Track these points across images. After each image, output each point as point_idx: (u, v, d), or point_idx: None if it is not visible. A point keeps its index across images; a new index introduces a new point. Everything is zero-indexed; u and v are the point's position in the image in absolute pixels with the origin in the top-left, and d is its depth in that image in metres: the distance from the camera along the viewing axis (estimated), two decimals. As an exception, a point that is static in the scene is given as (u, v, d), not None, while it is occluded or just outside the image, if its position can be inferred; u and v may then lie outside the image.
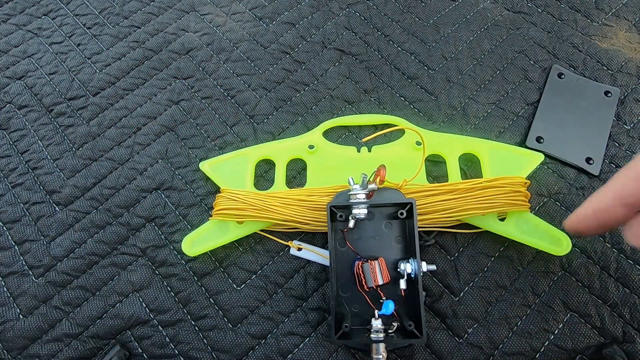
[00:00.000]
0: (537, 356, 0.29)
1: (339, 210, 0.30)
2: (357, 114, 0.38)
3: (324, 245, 0.33)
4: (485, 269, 0.31)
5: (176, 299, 0.32)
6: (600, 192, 0.21)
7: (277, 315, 0.31)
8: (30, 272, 0.33)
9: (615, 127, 0.36)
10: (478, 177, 0.34)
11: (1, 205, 0.36)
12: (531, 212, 0.32)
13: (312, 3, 0.45)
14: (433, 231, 0.32)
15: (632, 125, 0.36)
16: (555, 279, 0.31)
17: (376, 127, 0.37)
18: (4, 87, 0.42)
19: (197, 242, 0.32)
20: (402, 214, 0.30)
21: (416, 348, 0.29)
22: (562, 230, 0.30)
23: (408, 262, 0.28)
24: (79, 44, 0.44)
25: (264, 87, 0.40)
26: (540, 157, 0.34)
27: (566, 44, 0.40)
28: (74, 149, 0.38)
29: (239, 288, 0.32)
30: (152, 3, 0.46)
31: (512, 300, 0.30)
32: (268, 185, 0.35)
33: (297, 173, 0.36)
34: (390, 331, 0.27)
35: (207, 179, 0.36)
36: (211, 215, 0.33)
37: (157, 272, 0.33)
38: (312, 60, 0.41)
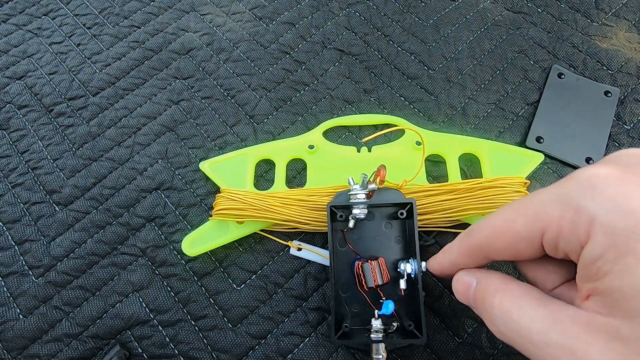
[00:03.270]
0: (537, 356, 0.29)
1: (339, 210, 0.30)
2: (357, 114, 0.38)
3: (324, 245, 0.33)
4: (486, 268, 0.31)
5: (176, 299, 0.32)
6: (443, 253, 0.25)
7: (277, 315, 0.31)
8: (30, 272, 0.33)
9: (615, 127, 0.36)
10: (478, 177, 0.34)
11: (1, 205, 0.36)
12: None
13: (312, 3, 0.45)
14: (433, 231, 0.32)
15: (632, 125, 0.36)
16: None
17: (376, 127, 0.37)
18: (4, 87, 0.42)
19: (197, 242, 0.32)
20: (402, 214, 0.30)
21: (416, 348, 0.29)
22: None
23: (408, 262, 0.28)
24: (79, 44, 0.44)
25: (264, 87, 0.40)
26: (540, 157, 0.34)
27: (566, 44, 0.40)
28: (74, 149, 0.38)
29: (239, 288, 0.32)
30: (152, 3, 0.46)
31: (512, 300, 0.30)
32: (268, 185, 0.35)
33: (297, 173, 0.36)
34: (390, 331, 0.27)
35: (207, 179, 0.36)
36: (211, 215, 0.33)
37: (157, 272, 0.33)
38: (312, 60, 0.41)
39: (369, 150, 0.35)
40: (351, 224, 0.29)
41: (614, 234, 0.16)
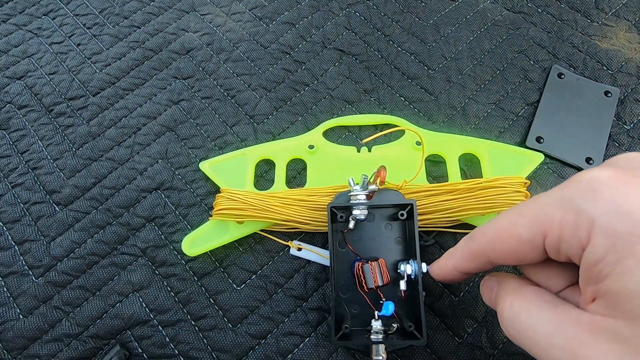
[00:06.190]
0: (537, 356, 0.29)
1: (340, 211, 0.30)
2: (357, 114, 0.38)
3: (324, 245, 0.33)
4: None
5: (176, 299, 0.32)
6: (445, 257, 0.25)
7: (277, 315, 0.31)
8: (30, 272, 0.33)
9: (615, 127, 0.36)
10: (478, 177, 0.34)
11: (1, 205, 0.36)
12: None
13: (312, 3, 0.45)
14: (433, 231, 0.32)
15: (632, 125, 0.36)
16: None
17: (376, 127, 0.37)
18: (4, 87, 0.42)
19: (197, 242, 0.32)
20: (402, 215, 0.30)
21: (416, 348, 0.29)
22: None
23: (408, 263, 0.28)
24: (79, 44, 0.44)
25: (264, 87, 0.40)
26: (540, 157, 0.34)
27: (566, 44, 0.40)
28: (74, 149, 0.38)
29: (239, 288, 0.32)
30: (152, 3, 0.46)
31: (512, 300, 0.30)
32: (268, 185, 0.35)
33: (297, 173, 0.36)
34: (390, 332, 0.27)
35: (207, 179, 0.36)
36: (211, 215, 0.33)
37: (157, 272, 0.33)
38: (312, 60, 0.41)
39: (369, 151, 0.35)
40: (351, 224, 0.29)
41: (614, 236, 0.16)
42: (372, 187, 0.29)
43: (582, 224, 0.17)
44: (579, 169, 0.34)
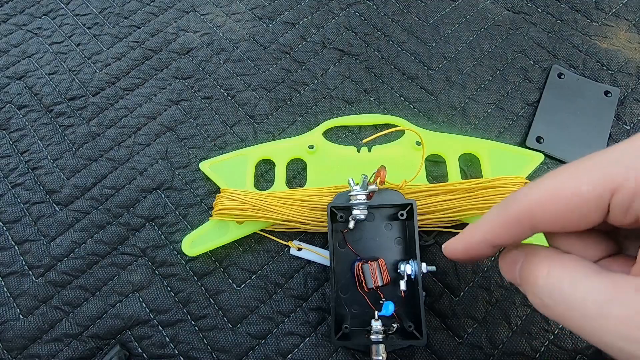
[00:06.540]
0: (537, 356, 0.29)
1: (339, 211, 0.30)
2: (357, 114, 0.38)
3: (324, 245, 0.33)
4: (485, 268, 0.31)
5: (176, 299, 0.32)
6: (471, 229, 0.21)
7: (277, 315, 0.31)
8: (30, 272, 0.33)
9: (615, 127, 0.36)
10: (478, 177, 0.34)
11: (1, 205, 0.36)
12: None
13: (312, 3, 0.45)
14: (433, 231, 0.32)
15: (632, 125, 0.36)
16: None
17: (376, 127, 0.37)
18: (4, 87, 0.42)
19: (197, 242, 0.32)
20: (402, 215, 0.30)
21: (416, 348, 0.29)
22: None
23: (408, 263, 0.28)
24: (79, 44, 0.44)
25: (264, 87, 0.40)
26: (540, 157, 0.34)
27: (566, 44, 0.40)
28: (74, 149, 0.38)
29: (239, 288, 0.32)
30: (152, 3, 0.46)
31: (512, 300, 0.30)
32: (268, 185, 0.35)
33: (297, 173, 0.36)
34: (390, 332, 0.27)
35: (207, 179, 0.36)
36: (211, 215, 0.33)
37: (157, 272, 0.33)
38: (312, 60, 0.41)
39: (369, 151, 0.35)
40: (351, 225, 0.29)
41: None
42: (372, 187, 0.29)
43: None
44: (579, 169, 0.34)
